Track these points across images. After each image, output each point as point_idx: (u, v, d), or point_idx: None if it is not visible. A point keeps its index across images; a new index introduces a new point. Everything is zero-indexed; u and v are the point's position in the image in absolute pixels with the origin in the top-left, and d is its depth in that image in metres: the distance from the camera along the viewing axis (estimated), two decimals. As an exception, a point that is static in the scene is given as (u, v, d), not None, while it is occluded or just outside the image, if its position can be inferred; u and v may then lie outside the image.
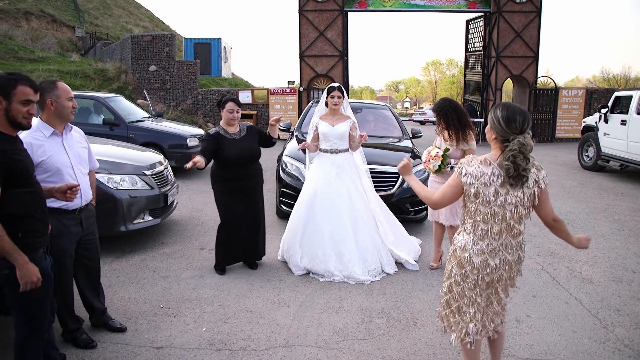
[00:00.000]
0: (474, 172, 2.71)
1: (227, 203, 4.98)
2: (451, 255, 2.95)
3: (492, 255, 2.79)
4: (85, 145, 3.71)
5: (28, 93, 2.66)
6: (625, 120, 10.68)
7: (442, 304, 3.04)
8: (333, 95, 5.29)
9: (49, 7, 31.14)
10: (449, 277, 2.95)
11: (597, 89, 20.38)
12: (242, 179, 4.97)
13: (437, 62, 74.52)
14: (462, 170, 2.75)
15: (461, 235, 2.88)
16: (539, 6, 17.36)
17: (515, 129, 2.67)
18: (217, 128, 4.99)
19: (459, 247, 2.87)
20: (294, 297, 4.58)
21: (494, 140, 2.78)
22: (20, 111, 2.64)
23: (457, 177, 2.76)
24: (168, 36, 18.15)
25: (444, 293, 3.02)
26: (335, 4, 17.16)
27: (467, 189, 2.74)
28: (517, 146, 2.63)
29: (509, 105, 2.74)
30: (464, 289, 2.87)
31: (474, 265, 2.80)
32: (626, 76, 52.11)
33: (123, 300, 4.44)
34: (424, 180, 6.36)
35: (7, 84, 2.61)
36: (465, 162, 2.76)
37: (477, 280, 2.82)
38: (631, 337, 3.97)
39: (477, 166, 2.72)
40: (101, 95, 10.56)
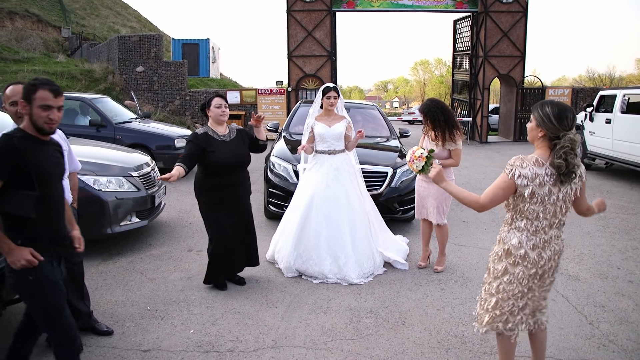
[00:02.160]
0: (529, 174, 2.70)
1: (219, 215, 4.57)
2: (502, 255, 2.91)
3: (545, 248, 2.83)
4: (65, 147, 3.60)
5: (47, 98, 2.64)
6: (610, 119, 10.79)
7: (487, 306, 3.00)
8: (329, 96, 5.27)
9: (34, 7, 30.87)
10: (497, 277, 2.93)
11: (582, 88, 20.60)
12: (233, 186, 4.60)
13: (426, 62, 74.80)
14: (514, 172, 2.72)
15: (512, 233, 2.86)
16: (525, 6, 17.50)
17: (567, 125, 2.69)
18: (204, 128, 4.59)
19: (512, 245, 2.85)
20: (282, 298, 4.58)
21: (542, 138, 2.77)
22: (40, 116, 2.64)
23: (510, 180, 2.73)
24: (156, 37, 18.06)
25: (489, 294, 2.98)
26: (323, 4, 17.17)
27: (520, 190, 2.74)
28: (568, 143, 2.66)
29: (556, 103, 2.76)
30: (517, 286, 2.88)
31: (529, 260, 2.82)
32: (611, 75, 52.76)
33: (110, 303, 4.41)
34: (411, 179, 6.38)
35: (29, 88, 2.64)
36: (517, 164, 2.73)
37: (532, 274, 2.85)
38: (615, 333, 4.02)
39: (530, 167, 2.71)
40: (87, 97, 10.49)
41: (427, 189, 5.18)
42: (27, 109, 2.64)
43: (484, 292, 3.04)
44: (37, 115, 2.63)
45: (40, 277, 2.68)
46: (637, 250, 6.08)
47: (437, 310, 4.39)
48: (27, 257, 2.61)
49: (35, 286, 2.69)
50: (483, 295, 3.05)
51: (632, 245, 6.30)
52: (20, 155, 2.58)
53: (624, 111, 10.43)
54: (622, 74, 55.47)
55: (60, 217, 2.87)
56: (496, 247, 2.97)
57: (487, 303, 3.01)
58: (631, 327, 4.13)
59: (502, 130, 19.77)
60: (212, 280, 4.76)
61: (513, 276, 2.86)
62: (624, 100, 10.51)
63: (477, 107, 18.12)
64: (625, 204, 8.55)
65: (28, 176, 2.60)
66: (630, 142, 10.04)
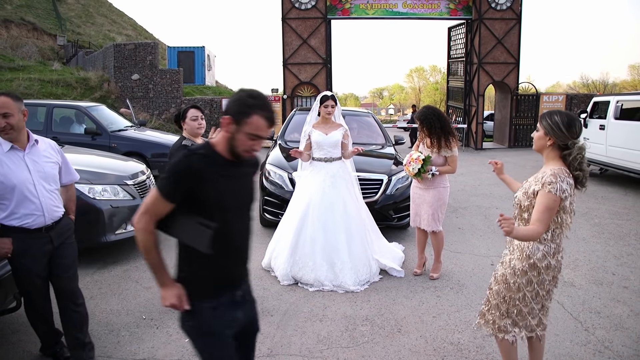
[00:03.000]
0: (567, 188, 2.77)
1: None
2: (527, 269, 2.90)
3: (560, 251, 2.94)
4: (56, 159, 3.45)
5: (261, 127, 2.19)
6: (603, 125, 10.86)
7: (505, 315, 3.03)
8: (327, 105, 5.29)
9: (30, 15, 30.88)
10: (519, 289, 2.94)
11: (577, 95, 20.72)
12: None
13: (421, 69, 75.12)
14: (558, 187, 2.73)
15: (535, 247, 2.88)
16: (519, 13, 17.62)
17: (575, 133, 2.77)
18: (184, 142, 4.30)
19: (538, 259, 2.88)
20: (278, 306, 4.57)
21: (550, 147, 2.84)
22: (245, 144, 2.21)
23: (557, 198, 2.73)
24: (151, 44, 18.08)
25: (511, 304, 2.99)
26: (318, 12, 17.24)
27: (564, 203, 2.79)
28: (581, 152, 2.77)
29: (564, 112, 2.84)
30: (539, 292, 2.94)
31: (552, 267, 2.90)
32: (605, 82, 53.11)
33: (105, 312, 4.39)
34: (406, 187, 6.39)
35: (243, 109, 2.17)
36: (558, 181, 2.74)
37: (551, 279, 2.93)
38: (611, 339, 4.02)
39: (566, 180, 2.77)
40: (83, 105, 10.48)
41: (422, 196, 5.20)
42: (231, 129, 2.20)
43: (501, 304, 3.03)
44: (241, 142, 2.20)
45: (200, 325, 2.31)
46: (632, 256, 6.10)
47: (432, 317, 4.39)
48: (173, 300, 2.29)
49: (194, 335, 2.35)
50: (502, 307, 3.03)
51: (627, 251, 6.32)
52: (200, 178, 2.17)
53: (618, 117, 10.50)
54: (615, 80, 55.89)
55: (241, 260, 2.44)
56: (518, 263, 2.93)
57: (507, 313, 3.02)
58: (627, 333, 4.14)
59: (497, 136, 19.83)
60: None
61: (537, 284, 2.92)
62: (617, 106, 10.57)
63: (472, 113, 18.19)
64: (620, 209, 8.58)
65: (204, 203, 2.20)
66: (624, 148, 10.10)
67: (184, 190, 2.16)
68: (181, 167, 2.17)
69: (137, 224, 2.24)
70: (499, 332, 3.07)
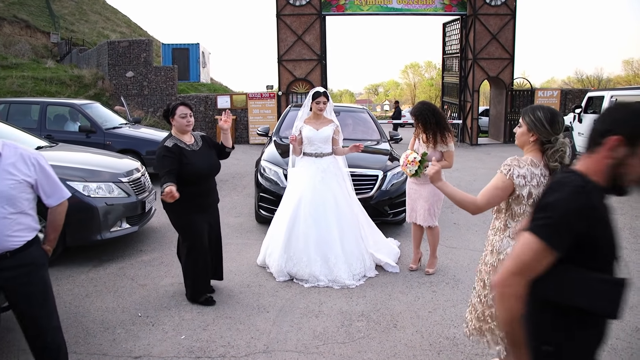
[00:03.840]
0: (526, 174, 2.72)
1: (196, 224, 4.35)
2: (497, 267, 2.87)
3: None
4: (26, 176, 2.74)
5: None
6: (598, 120, 10.87)
7: (484, 317, 2.98)
8: (319, 101, 5.29)
9: (23, 13, 30.67)
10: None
11: (571, 90, 20.75)
12: (204, 195, 4.44)
13: (416, 65, 75.19)
14: (513, 172, 2.71)
15: (506, 242, 2.85)
16: (513, 9, 17.62)
17: (558, 129, 2.74)
18: (172, 140, 4.28)
19: (507, 254, 2.83)
20: (274, 302, 4.57)
21: (533, 143, 2.79)
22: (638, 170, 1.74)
23: (508, 179, 2.72)
24: (145, 42, 18.00)
25: (487, 305, 2.96)
26: (313, 8, 17.20)
27: (518, 190, 2.73)
28: (563, 147, 2.72)
29: (546, 107, 2.79)
30: None
31: None
32: (599, 77, 53.32)
33: (100, 309, 4.38)
34: (401, 182, 6.40)
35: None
36: (514, 164, 2.72)
37: None
38: (606, 333, 4.04)
39: (527, 167, 2.73)
40: (77, 102, 10.43)
41: (417, 191, 5.21)
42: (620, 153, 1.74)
43: (478, 304, 3.00)
44: (635, 169, 1.74)
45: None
46: (626, 250, 6.13)
47: (428, 312, 4.40)
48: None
49: None
50: (478, 308, 3.01)
51: (621, 245, 6.33)
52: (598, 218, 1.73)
53: (612, 112, 10.51)
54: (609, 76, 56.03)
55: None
56: (489, 258, 2.92)
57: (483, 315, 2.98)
58: (620, 326, 4.15)
59: (492, 132, 19.86)
60: (199, 295, 4.51)
61: None
62: (611, 101, 10.60)
63: (467, 109, 18.21)
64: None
65: (594, 250, 1.74)
66: (619, 143, 10.11)
67: (575, 235, 1.69)
68: (577, 204, 1.68)
69: (507, 288, 1.74)
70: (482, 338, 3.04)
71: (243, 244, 6.24)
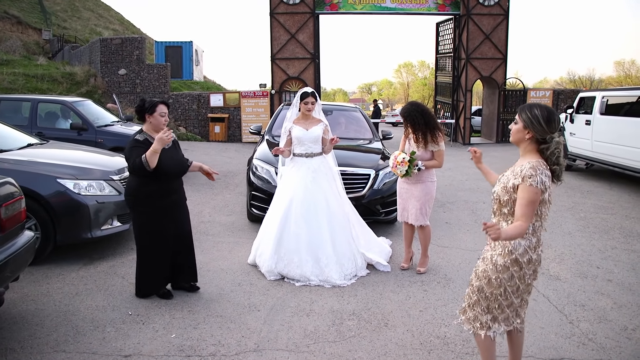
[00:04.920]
0: (545, 179, 2.74)
1: (158, 225, 4.35)
2: (509, 265, 2.86)
3: (540, 245, 2.92)
4: None
5: None
6: (589, 120, 10.94)
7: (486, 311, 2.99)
8: (307, 102, 5.29)
9: (13, 9, 30.43)
10: (501, 285, 2.89)
11: (563, 90, 20.87)
12: (171, 193, 4.42)
13: (409, 64, 75.38)
14: (539, 182, 2.70)
15: (517, 242, 2.84)
16: (506, 9, 17.69)
17: (554, 128, 2.75)
18: (143, 135, 4.31)
19: (520, 254, 2.84)
20: (265, 301, 4.56)
21: (528, 141, 2.81)
22: None
23: (538, 190, 2.71)
24: (138, 39, 17.93)
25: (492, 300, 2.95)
26: (306, 7, 17.19)
27: (543, 196, 2.77)
28: (557, 146, 2.76)
29: (543, 105, 2.80)
30: (519, 287, 2.91)
31: (532, 261, 2.87)
32: (591, 78, 53.69)
33: (90, 308, 4.36)
34: (393, 181, 6.40)
35: None
36: (538, 173, 2.71)
37: (531, 273, 2.90)
38: (595, 331, 4.07)
39: (543, 171, 2.74)
40: (68, 100, 10.34)
41: (409, 190, 5.22)
42: None
43: (482, 300, 2.99)
44: None
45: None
46: (616, 250, 6.17)
47: (419, 311, 4.41)
48: None
49: None
50: (482, 303, 2.99)
51: (611, 244, 6.38)
52: None
53: (603, 112, 10.59)
54: (601, 76, 56.49)
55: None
56: (500, 259, 2.89)
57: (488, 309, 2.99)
58: (610, 325, 4.19)
59: (484, 131, 19.94)
60: (145, 293, 4.53)
61: (519, 280, 2.88)
62: (602, 101, 10.66)
63: (460, 109, 18.26)
64: (605, 204, 8.67)
65: None
66: (609, 143, 10.19)
67: None
68: None
69: None
70: (480, 329, 3.03)
71: (235, 242, 6.23)
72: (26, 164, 5.46)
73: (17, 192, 3.98)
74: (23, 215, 4.07)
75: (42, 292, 4.64)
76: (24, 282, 4.80)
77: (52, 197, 5.22)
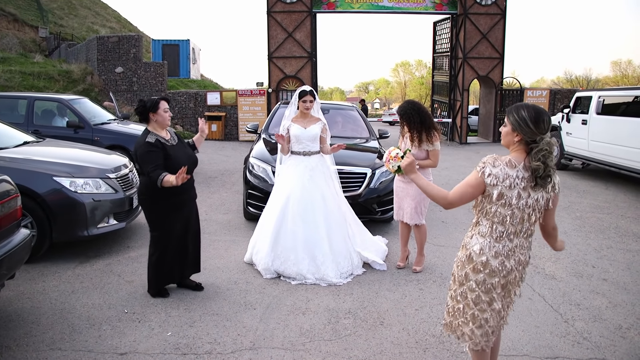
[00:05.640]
0: (499, 174, 2.61)
1: (172, 221, 4.40)
2: (464, 261, 2.79)
3: (508, 257, 2.71)
4: None
5: None
6: (586, 120, 10.97)
7: (454, 312, 2.90)
8: (305, 100, 5.30)
9: (10, 6, 30.32)
10: (462, 283, 2.81)
11: (560, 90, 20.89)
12: (185, 191, 4.43)
13: (406, 63, 75.45)
14: (485, 170, 2.64)
15: (475, 239, 2.76)
16: (503, 9, 17.71)
17: (544, 129, 2.61)
18: (152, 135, 4.27)
19: (474, 251, 2.74)
20: (261, 300, 4.57)
21: (518, 142, 2.67)
22: None
23: (480, 177, 2.64)
24: (135, 37, 17.89)
25: (456, 301, 2.87)
26: (304, 5, 17.17)
27: (489, 190, 2.64)
28: (547, 147, 2.60)
29: (531, 106, 2.66)
30: (479, 295, 2.75)
31: (492, 269, 2.70)
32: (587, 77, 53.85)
33: (86, 306, 4.36)
34: (389, 180, 6.42)
35: None
36: (488, 162, 2.64)
37: (494, 283, 2.73)
38: (589, 330, 4.09)
39: (502, 167, 2.62)
40: (65, 97, 10.33)
41: (405, 189, 5.23)
42: None
43: (449, 299, 2.94)
44: None
45: None
46: (612, 249, 6.19)
47: (415, 310, 4.42)
48: None
49: None
50: (449, 303, 2.95)
51: (607, 244, 6.41)
52: None
53: (600, 112, 10.62)
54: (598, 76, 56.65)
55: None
56: (460, 253, 2.86)
57: (452, 308, 2.92)
58: (605, 324, 4.20)
59: (481, 131, 19.96)
60: (158, 290, 4.55)
61: (475, 283, 2.75)
62: (599, 101, 10.69)
63: (457, 108, 18.28)
64: (601, 203, 8.70)
65: None
66: (606, 143, 10.22)
67: None
68: None
69: None
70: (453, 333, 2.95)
71: (231, 240, 6.23)
72: (22, 161, 5.45)
73: (13, 190, 3.97)
74: (19, 213, 4.07)
75: (38, 290, 4.64)
76: (19, 280, 4.80)
77: (48, 195, 5.22)
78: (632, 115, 9.59)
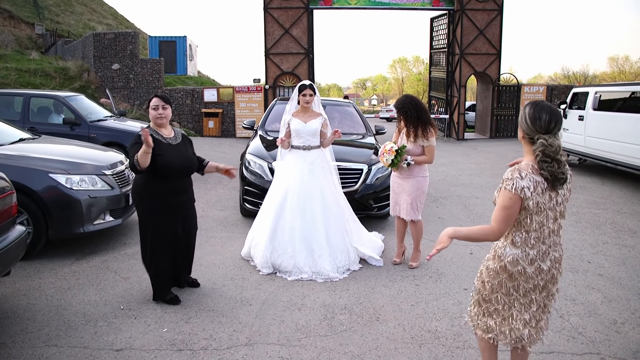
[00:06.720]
0: (530, 184, 2.55)
1: (163, 224, 4.21)
2: (499, 272, 2.75)
3: (544, 259, 2.69)
4: None
5: None
6: (582, 115, 10.99)
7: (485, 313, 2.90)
8: (305, 94, 5.31)
9: (6, 3, 30.16)
10: (495, 291, 2.79)
11: (557, 86, 20.94)
12: (178, 193, 4.28)
13: (404, 60, 75.36)
14: (516, 186, 2.55)
15: (508, 250, 2.71)
16: (500, 5, 17.71)
17: (541, 127, 2.56)
18: (151, 130, 4.16)
19: (508, 262, 2.70)
20: (257, 295, 4.57)
21: (523, 140, 2.67)
22: None
23: (514, 195, 2.55)
24: (132, 34, 17.84)
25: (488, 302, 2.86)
26: (301, 2, 17.15)
27: (526, 203, 2.57)
28: (540, 148, 2.54)
29: (539, 103, 2.62)
30: (518, 300, 2.75)
31: (527, 274, 2.68)
32: (585, 73, 53.88)
33: (83, 302, 4.36)
34: (386, 176, 6.42)
35: None
36: (515, 176, 2.56)
37: (531, 287, 2.72)
38: (584, 325, 4.10)
39: (530, 177, 2.56)
40: (61, 94, 10.30)
41: (401, 185, 5.23)
42: None
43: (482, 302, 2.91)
44: None
45: None
46: (607, 245, 6.21)
47: (411, 305, 4.43)
48: None
49: None
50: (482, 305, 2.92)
51: (603, 239, 6.43)
52: None
53: (596, 108, 10.63)
54: (595, 72, 56.65)
55: None
56: (491, 263, 2.81)
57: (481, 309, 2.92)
58: (599, 319, 4.22)
59: (478, 127, 19.98)
60: (163, 295, 4.38)
61: (512, 288, 2.74)
62: (595, 97, 10.71)
63: (454, 104, 18.29)
64: (597, 199, 8.72)
65: None
66: (602, 139, 10.24)
67: None
68: None
69: None
70: (478, 329, 2.97)
71: (227, 237, 6.24)
72: (18, 158, 5.44)
73: (9, 187, 3.97)
74: (14, 209, 4.07)
75: (34, 286, 4.64)
76: (15, 276, 4.80)
77: (44, 191, 5.22)
78: (629, 111, 9.61)
